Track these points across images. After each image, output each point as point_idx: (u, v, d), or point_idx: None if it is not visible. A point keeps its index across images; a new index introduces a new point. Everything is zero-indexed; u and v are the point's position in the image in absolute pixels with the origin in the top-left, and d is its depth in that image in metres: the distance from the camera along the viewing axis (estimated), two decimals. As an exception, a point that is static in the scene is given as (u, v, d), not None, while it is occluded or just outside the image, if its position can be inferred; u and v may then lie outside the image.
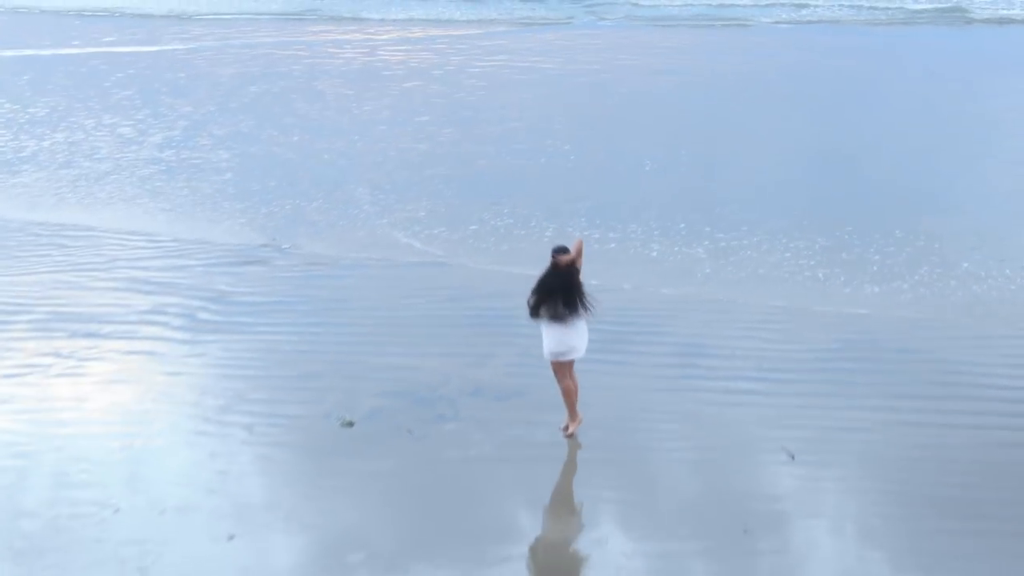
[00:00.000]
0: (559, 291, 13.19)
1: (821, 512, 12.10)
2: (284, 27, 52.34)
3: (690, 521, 11.90)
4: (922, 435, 13.73)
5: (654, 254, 20.95)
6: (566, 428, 13.63)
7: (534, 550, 11.47)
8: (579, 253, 13.36)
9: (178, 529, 11.63)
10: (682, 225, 22.54)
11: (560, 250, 13.32)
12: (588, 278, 13.63)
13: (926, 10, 53.75)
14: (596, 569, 11.04)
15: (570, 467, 13.20)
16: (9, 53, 44.34)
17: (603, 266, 19.27)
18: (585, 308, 13.21)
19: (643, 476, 12.93)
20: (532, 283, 13.38)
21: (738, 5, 56.06)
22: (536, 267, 19.07)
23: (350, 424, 13.86)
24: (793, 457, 13.03)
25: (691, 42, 46.91)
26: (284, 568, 11.03)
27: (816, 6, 55.33)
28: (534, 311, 13.32)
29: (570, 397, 13.52)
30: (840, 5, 55.35)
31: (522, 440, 13.58)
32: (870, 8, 55.01)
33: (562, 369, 13.44)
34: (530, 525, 11.89)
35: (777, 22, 53.35)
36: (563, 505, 12.53)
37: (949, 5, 53.97)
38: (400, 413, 14.19)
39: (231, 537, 11.43)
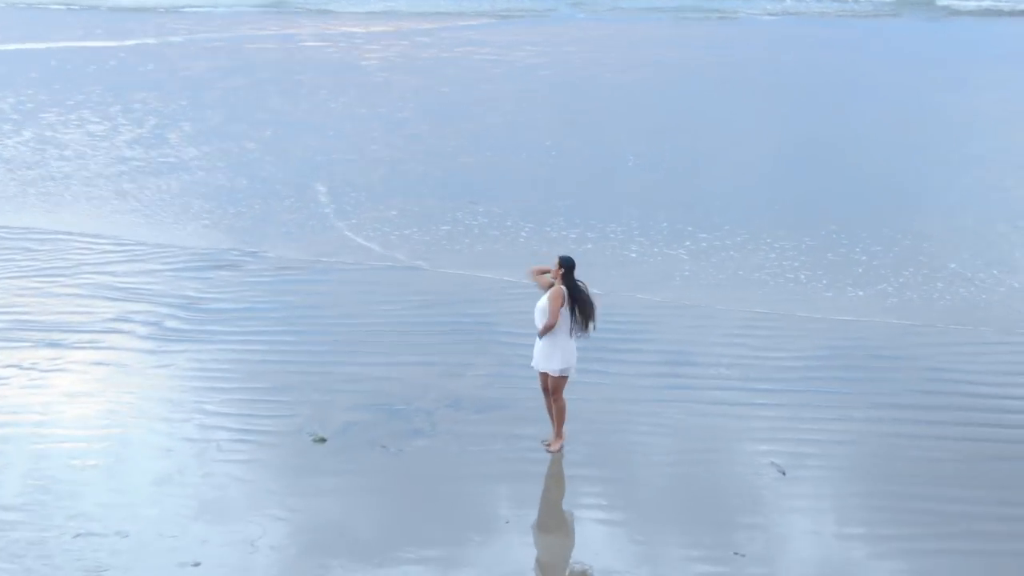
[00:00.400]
0: (588, 304, 12.68)
1: (813, 529, 11.62)
2: (258, 20, 51.70)
3: (679, 539, 11.40)
4: (915, 447, 13.29)
5: (633, 255, 20.53)
6: (549, 444, 13.13)
7: (520, 570, 10.91)
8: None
9: (141, 554, 11.04)
10: (664, 224, 22.15)
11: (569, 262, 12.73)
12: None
13: (911, 0, 53.55)
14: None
15: (554, 483, 12.70)
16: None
17: (581, 269, 18.80)
18: (594, 322, 12.77)
19: (630, 492, 12.42)
20: (549, 298, 12.68)
21: (723, -4, 55.86)
22: (512, 270, 18.82)
23: (322, 440, 13.31)
24: (784, 473, 12.56)
25: (675, 35, 46.56)
26: (253, 596, 10.49)
27: (801, -3, 55.09)
28: (584, 327, 12.70)
29: (563, 414, 12.99)
30: (825, -4, 55.15)
31: (503, 455, 13.05)
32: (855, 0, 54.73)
33: (564, 385, 12.91)
34: (515, 545, 11.34)
35: (762, 14, 53.05)
36: (548, 523, 12.00)
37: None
38: (374, 427, 13.64)
39: (197, 564, 10.87)
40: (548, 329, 12.59)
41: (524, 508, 12.11)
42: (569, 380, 12.91)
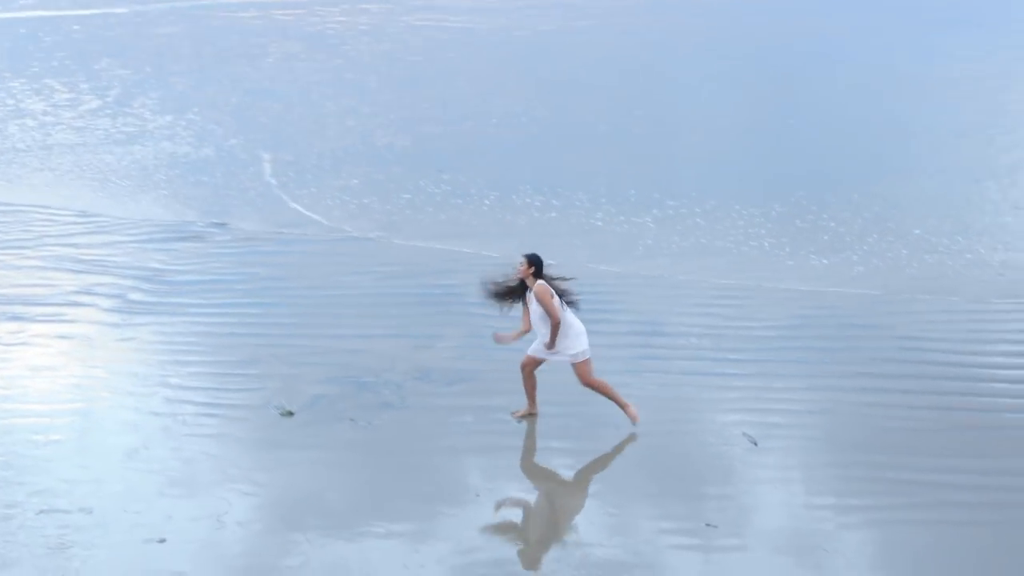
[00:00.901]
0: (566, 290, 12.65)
1: (784, 499, 11.54)
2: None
3: (650, 511, 11.29)
4: (886, 416, 13.23)
5: (599, 223, 20.46)
6: (519, 413, 13.01)
7: (492, 543, 10.77)
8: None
9: (106, 531, 10.83)
10: (632, 191, 22.06)
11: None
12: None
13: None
14: (557, 562, 10.41)
15: (525, 455, 12.58)
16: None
17: (546, 238, 18.84)
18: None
19: (600, 464, 12.34)
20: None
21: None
22: (480, 242, 18.74)
23: (290, 414, 13.12)
24: (756, 444, 12.48)
25: (645, 1, 46.25)
26: (219, 571, 10.28)
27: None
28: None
29: (607, 389, 12.76)
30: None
31: (473, 428, 12.92)
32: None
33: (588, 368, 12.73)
34: (486, 517, 11.21)
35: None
36: (519, 495, 11.86)
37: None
38: (343, 400, 13.47)
39: (163, 540, 10.68)
40: (557, 328, 12.38)
41: (495, 480, 11.98)
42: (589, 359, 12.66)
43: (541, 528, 11.27)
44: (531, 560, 10.55)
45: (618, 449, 12.56)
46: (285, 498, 11.46)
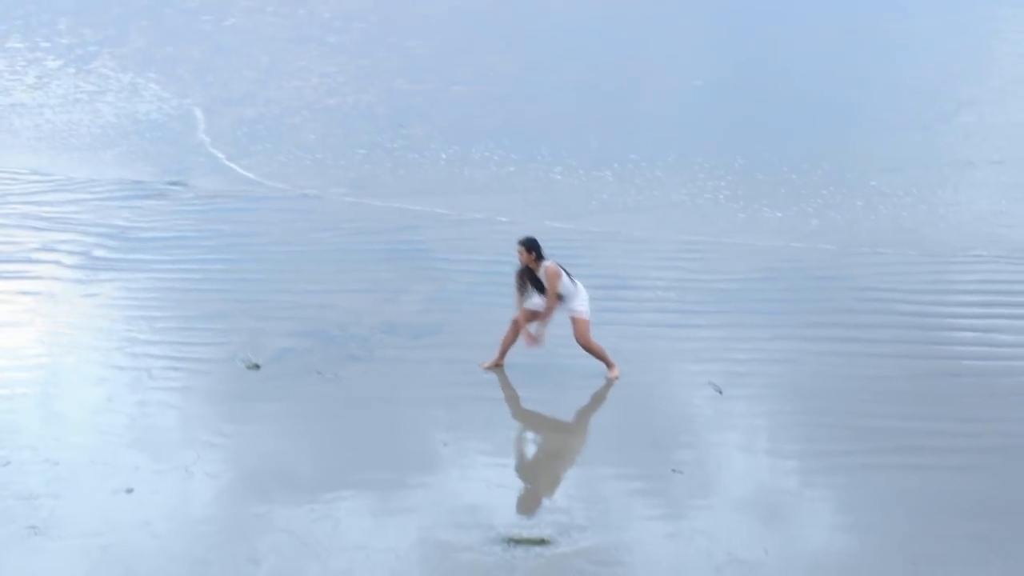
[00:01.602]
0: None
1: (751, 447, 11.64)
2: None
3: (616, 460, 11.36)
4: (852, 365, 13.35)
5: (558, 177, 20.51)
6: (486, 364, 13.06)
7: (456, 493, 10.81)
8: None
9: (72, 482, 10.80)
10: (594, 145, 22.14)
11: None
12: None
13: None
14: (521, 509, 10.47)
15: (491, 406, 12.60)
16: None
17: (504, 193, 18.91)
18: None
19: (566, 414, 12.42)
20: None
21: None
22: (440, 198, 18.77)
23: (256, 367, 13.11)
24: (721, 392, 12.57)
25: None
26: (187, 520, 10.27)
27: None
28: None
29: (603, 354, 12.92)
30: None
31: (441, 380, 12.93)
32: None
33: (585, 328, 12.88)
34: (453, 468, 11.24)
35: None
36: (486, 446, 11.88)
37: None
38: (310, 353, 13.45)
39: (130, 490, 10.67)
40: (550, 312, 12.59)
41: (462, 431, 12.02)
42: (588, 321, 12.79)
43: (508, 477, 11.31)
44: (496, 506, 10.59)
45: (587, 399, 12.63)
46: (252, 449, 11.46)
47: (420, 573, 9.54)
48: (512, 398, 12.74)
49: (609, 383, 12.79)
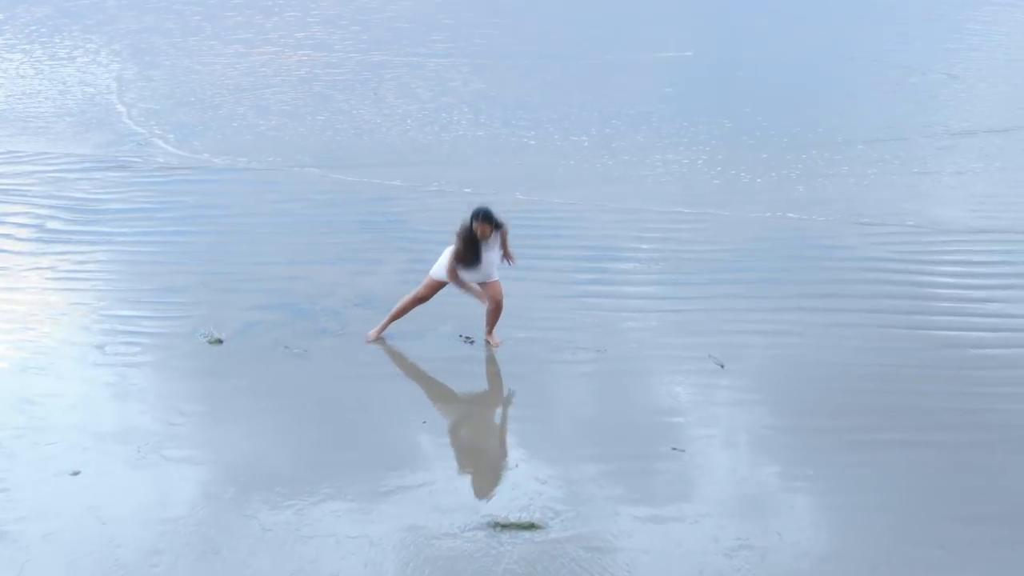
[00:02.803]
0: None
1: (755, 424, 10.70)
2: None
3: (611, 439, 10.43)
4: (859, 338, 12.45)
5: (532, 143, 19.76)
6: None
7: (436, 475, 9.85)
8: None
9: (15, 464, 9.82)
10: (573, 108, 21.50)
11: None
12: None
13: None
14: (509, 494, 9.51)
15: (473, 382, 11.69)
16: None
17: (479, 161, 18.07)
18: None
19: (556, 393, 11.42)
20: None
21: None
22: (416, 169, 17.92)
23: (218, 341, 12.12)
24: (723, 366, 11.65)
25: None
26: (138, 506, 9.29)
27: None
28: None
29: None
30: None
31: (418, 354, 12.00)
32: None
33: None
34: (431, 448, 10.29)
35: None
36: (468, 423, 10.98)
37: None
38: (277, 328, 12.47)
39: (76, 472, 9.69)
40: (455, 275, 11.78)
41: (441, 407, 11.12)
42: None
43: (492, 458, 10.37)
44: (480, 489, 9.67)
45: (577, 375, 11.69)
46: (212, 429, 10.50)
47: (396, 562, 8.59)
48: (495, 374, 11.81)
49: (596, 356, 11.86)
